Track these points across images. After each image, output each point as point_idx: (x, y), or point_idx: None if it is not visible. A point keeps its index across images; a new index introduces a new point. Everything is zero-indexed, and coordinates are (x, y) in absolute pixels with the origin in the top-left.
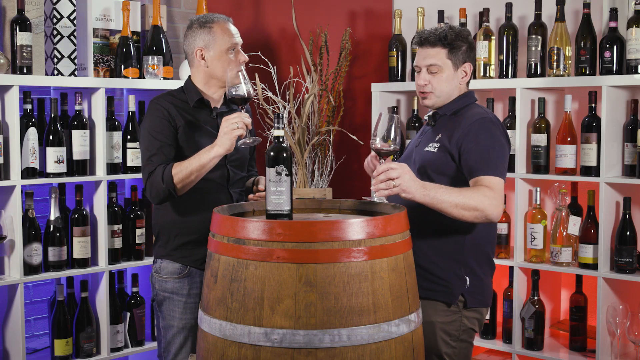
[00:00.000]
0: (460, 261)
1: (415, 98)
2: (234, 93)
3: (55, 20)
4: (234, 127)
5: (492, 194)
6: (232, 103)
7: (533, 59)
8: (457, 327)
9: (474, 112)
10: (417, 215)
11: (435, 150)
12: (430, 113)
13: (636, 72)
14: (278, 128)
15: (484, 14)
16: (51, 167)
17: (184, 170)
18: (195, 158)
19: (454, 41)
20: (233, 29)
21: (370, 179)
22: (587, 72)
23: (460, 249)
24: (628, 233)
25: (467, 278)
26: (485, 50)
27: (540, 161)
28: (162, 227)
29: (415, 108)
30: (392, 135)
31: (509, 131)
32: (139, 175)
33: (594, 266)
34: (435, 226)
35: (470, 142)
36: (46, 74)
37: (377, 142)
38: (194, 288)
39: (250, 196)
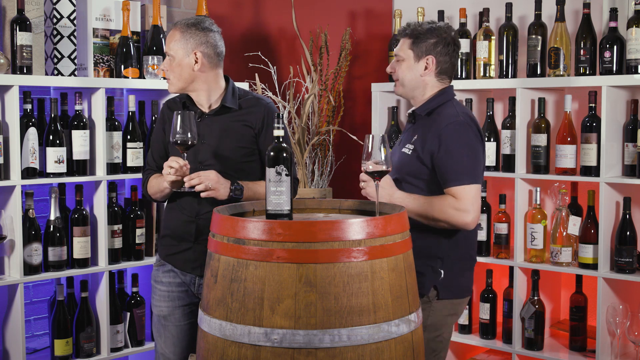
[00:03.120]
0: (437, 256)
1: None
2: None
3: (55, 20)
4: (166, 172)
5: (459, 203)
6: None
7: (533, 59)
8: (426, 316)
9: (445, 115)
10: None
11: (409, 153)
12: (410, 111)
13: (636, 72)
14: (278, 128)
15: (484, 14)
16: (51, 167)
17: (153, 187)
18: (158, 179)
19: (420, 33)
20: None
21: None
22: (587, 72)
23: (437, 244)
24: (628, 233)
25: (442, 271)
26: (485, 50)
27: (540, 161)
28: (161, 220)
29: None
30: (382, 158)
31: (508, 131)
32: (139, 175)
33: (594, 266)
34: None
35: (440, 152)
36: (46, 74)
37: (370, 165)
38: (166, 277)
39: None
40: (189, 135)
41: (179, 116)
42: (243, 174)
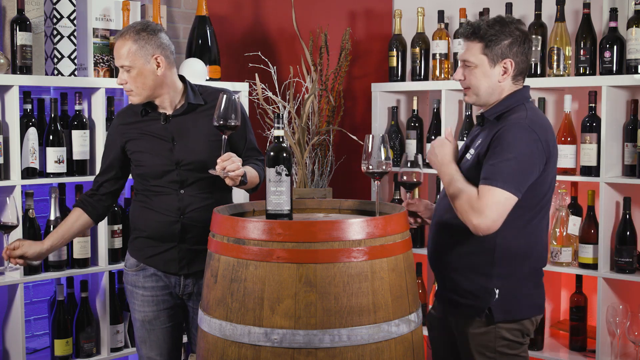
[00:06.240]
0: (490, 274)
1: (415, 98)
2: None
3: (55, 20)
4: None
5: (476, 202)
6: None
7: (533, 59)
8: (492, 339)
9: (513, 117)
10: (444, 225)
11: (470, 159)
12: (479, 113)
13: (636, 72)
14: (278, 128)
15: (484, 14)
16: (51, 167)
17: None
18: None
19: (493, 35)
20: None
21: (370, 180)
22: (587, 72)
23: (490, 260)
24: (628, 233)
25: (497, 290)
26: None
27: None
28: (130, 222)
29: (415, 108)
30: (383, 158)
31: None
32: None
33: (594, 266)
34: (462, 236)
35: (490, 149)
36: (46, 74)
37: (369, 165)
38: (148, 282)
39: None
40: (233, 116)
41: (224, 99)
42: None
